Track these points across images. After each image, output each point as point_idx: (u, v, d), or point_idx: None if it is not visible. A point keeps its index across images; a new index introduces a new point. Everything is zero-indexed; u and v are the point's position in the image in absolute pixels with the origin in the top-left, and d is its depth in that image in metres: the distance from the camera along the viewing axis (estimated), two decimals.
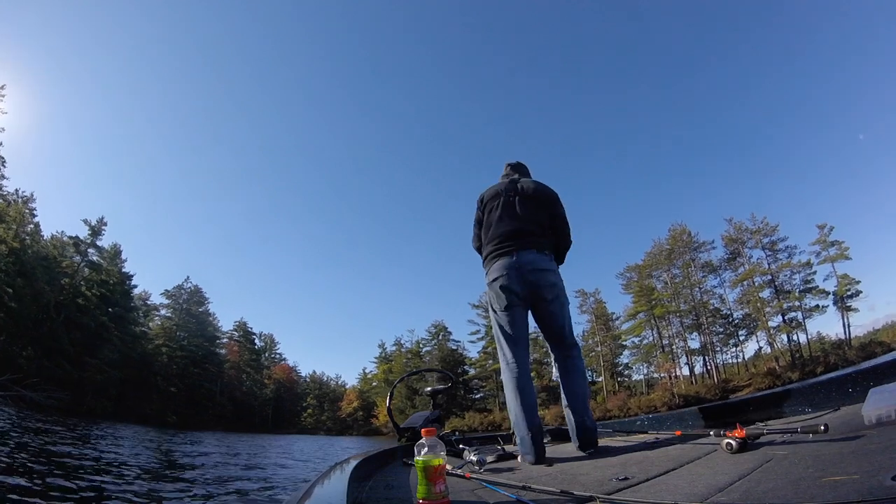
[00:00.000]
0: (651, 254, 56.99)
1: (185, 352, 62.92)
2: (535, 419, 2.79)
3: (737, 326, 53.57)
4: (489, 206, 3.37)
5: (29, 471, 7.02)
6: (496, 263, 3.13)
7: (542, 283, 3.04)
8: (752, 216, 51.81)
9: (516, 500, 1.62)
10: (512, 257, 3.07)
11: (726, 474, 1.65)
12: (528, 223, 3.18)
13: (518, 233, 3.14)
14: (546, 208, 3.30)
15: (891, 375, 2.40)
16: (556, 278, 3.13)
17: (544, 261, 3.10)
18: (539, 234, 3.17)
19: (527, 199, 3.29)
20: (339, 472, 2.13)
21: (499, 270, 3.09)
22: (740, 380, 47.67)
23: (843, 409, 2.56)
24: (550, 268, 3.13)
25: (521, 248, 3.08)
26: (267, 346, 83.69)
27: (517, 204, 3.26)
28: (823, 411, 2.64)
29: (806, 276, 48.81)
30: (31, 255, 42.33)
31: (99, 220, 51.45)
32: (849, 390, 2.66)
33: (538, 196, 3.33)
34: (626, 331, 58.44)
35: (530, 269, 3.02)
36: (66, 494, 5.98)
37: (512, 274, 3.03)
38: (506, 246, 3.13)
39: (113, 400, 45.51)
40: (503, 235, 3.17)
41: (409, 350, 73.45)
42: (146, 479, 8.36)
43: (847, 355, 42.81)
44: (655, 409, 45.30)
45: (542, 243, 3.15)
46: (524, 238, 3.12)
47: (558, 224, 3.33)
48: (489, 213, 3.35)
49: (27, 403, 27.49)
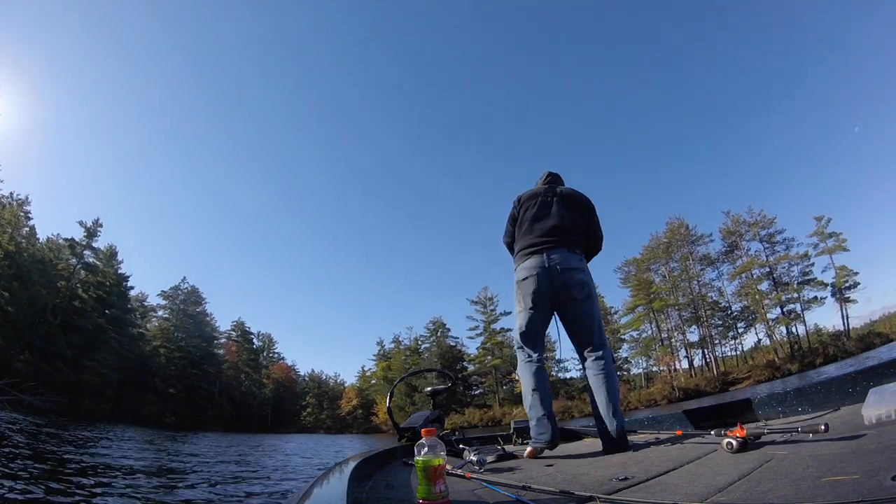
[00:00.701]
0: (649, 247, 57.32)
1: (182, 353, 62.65)
2: (549, 405, 2.97)
3: (735, 319, 53.83)
4: (526, 204, 3.42)
5: (18, 476, 6.89)
6: (526, 262, 3.18)
7: (571, 282, 3.06)
8: (749, 209, 52.13)
9: (516, 500, 1.61)
10: (542, 256, 3.11)
11: (726, 474, 1.65)
12: (563, 222, 3.23)
13: (552, 230, 3.19)
14: (583, 212, 3.36)
15: (891, 375, 2.41)
16: (586, 277, 3.14)
17: (574, 259, 3.13)
18: (573, 233, 3.22)
19: (564, 199, 3.35)
20: (339, 472, 2.12)
21: (528, 270, 3.13)
22: (739, 372, 47.84)
23: (843, 409, 2.56)
24: (580, 266, 3.14)
25: (553, 248, 3.12)
26: (265, 346, 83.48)
27: (554, 204, 3.32)
28: (823, 411, 2.65)
29: (804, 267, 49.18)
30: (27, 258, 42.17)
31: (94, 221, 51.23)
32: (849, 390, 2.66)
33: (576, 199, 3.39)
34: (625, 325, 58.77)
35: (560, 268, 3.05)
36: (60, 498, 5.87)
37: (541, 273, 3.08)
38: (538, 245, 3.17)
39: (111, 402, 45.26)
40: (537, 233, 3.23)
41: (408, 347, 73.47)
42: (143, 482, 8.23)
43: (846, 346, 43.02)
44: (655, 402, 45.45)
45: (574, 242, 3.19)
46: (557, 236, 3.16)
47: (592, 231, 3.38)
48: (525, 212, 3.39)
49: (24, 407, 27.30)
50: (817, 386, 2.88)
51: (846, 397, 2.65)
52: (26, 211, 45.33)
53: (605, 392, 2.88)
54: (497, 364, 62.16)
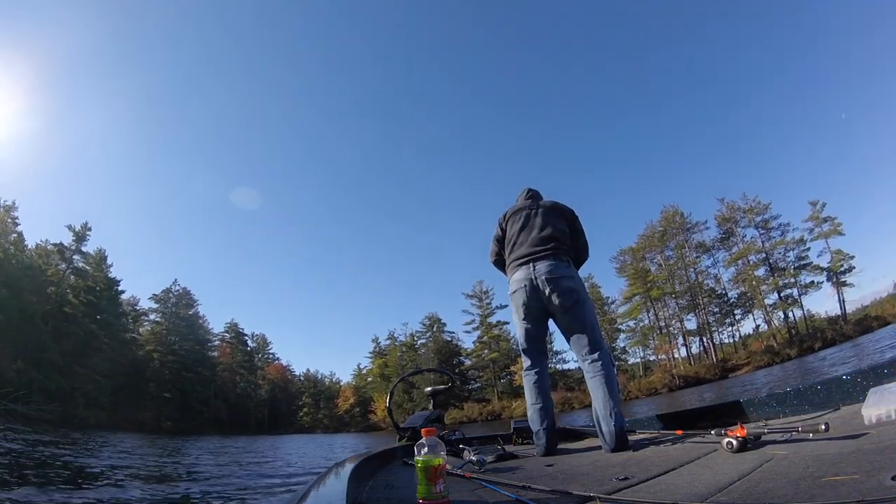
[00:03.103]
0: (644, 236, 57.38)
1: (176, 356, 62.17)
2: (547, 418, 3.08)
3: (732, 306, 53.97)
4: (511, 220, 3.51)
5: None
6: (515, 274, 3.27)
7: (559, 290, 3.10)
8: (743, 195, 52.28)
9: (516, 500, 1.61)
10: (529, 267, 3.18)
11: (726, 474, 1.65)
12: (549, 232, 3.29)
13: (538, 241, 3.26)
14: (567, 221, 3.44)
15: (891, 375, 2.43)
16: (574, 284, 3.18)
17: (562, 267, 3.17)
18: (559, 242, 3.27)
19: (548, 211, 3.43)
20: (339, 472, 2.11)
21: (517, 282, 3.23)
22: (738, 358, 47.98)
23: (843, 409, 2.58)
24: (568, 274, 3.18)
25: (539, 258, 3.19)
26: (259, 347, 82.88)
27: (538, 216, 3.40)
28: (823, 411, 2.66)
29: (800, 252, 49.46)
30: (16, 265, 41.57)
31: (83, 224, 50.63)
32: (849, 390, 2.68)
33: (559, 210, 3.48)
34: (622, 314, 58.99)
35: (547, 277, 3.10)
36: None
37: (528, 285, 3.15)
38: (525, 256, 3.24)
39: (106, 409, 44.83)
40: (524, 245, 3.31)
41: (404, 343, 73.29)
42: (141, 489, 8.13)
43: (844, 330, 43.09)
44: (656, 390, 45.56)
45: (561, 250, 3.24)
46: (543, 246, 3.23)
47: (578, 239, 3.47)
48: (511, 227, 3.48)
49: (16, 417, 26.71)
50: (817, 386, 2.88)
51: (846, 397, 2.66)
52: (13, 217, 44.69)
53: (604, 394, 2.90)
54: (495, 357, 62.20)
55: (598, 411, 2.87)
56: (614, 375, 3.06)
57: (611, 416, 2.80)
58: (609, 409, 2.82)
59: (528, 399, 3.22)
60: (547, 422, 3.06)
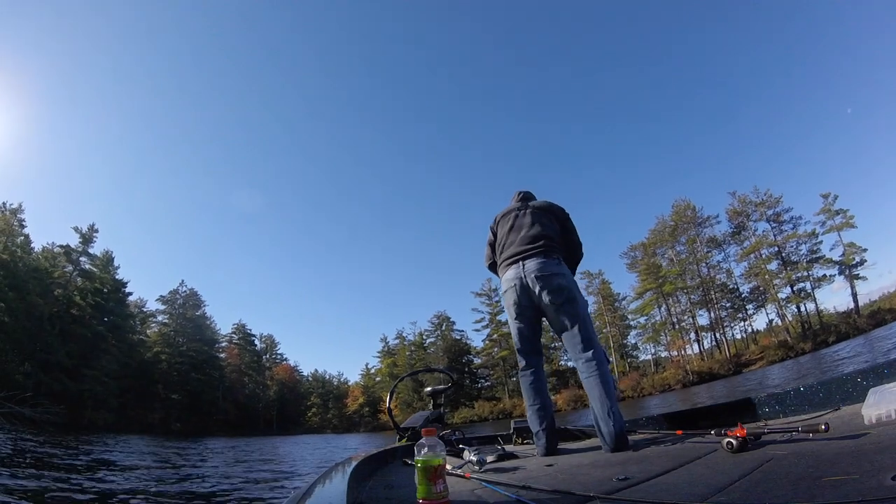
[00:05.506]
0: (655, 231, 56.92)
1: (184, 357, 62.07)
2: (546, 419, 3.05)
3: (744, 300, 53.42)
4: (502, 222, 3.52)
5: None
6: (506, 273, 3.26)
7: (549, 287, 3.06)
8: (755, 188, 51.66)
9: (516, 500, 1.61)
10: (519, 266, 3.17)
11: (726, 474, 1.65)
12: (539, 230, 3.27)
13: (528, 240, 3.24)
14: (558, 220, 3.42)
15: (891, 375, 2.41)
16: (564, 281, 3.12)
17: (552, 265, 3.13)
18: (549, 240, 3.24)
19: (538, 210, 3.42)
20: (339, 472, 2.07)
21: (508, 282, 3.23)
22: (752, 353, 47.40)
23: (843, 409, 2.55)
24: (558, 271, 3.13)
25: (529, 256, 3.16)
26: (267, 347, 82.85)
27: (528, 216, 3.39)
28: (823, 411, 2.62)
29: (812, 245, 48.84)
30: (23, 267, 41.52)
31: (90, 226, 50.44)
32: (849, 390, 2.65)
33: (549, 209, 3.46)
34: (634, 310, 58.72)
35: (536, 275, 3.07)
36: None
37: (518, 283, 3.14)
38: (515, 255, 3.23)
39: (114, 411, 44.79)
40: (513, 244, 3.29)
41: (413, 342, 73.05)
42: (147, 490, 8.14)
43: (858, 323, 42.48)
44: (669, 387, 44.98)
45: (551, 248, 3.20)
46: (533, 245, 3.20)
47: (570, 236, 3.45)
48: (501, 229, 3.49)
49: (22, 421, 26.33)
50: (817, 386, 2.85)
51: (846, 397, 2.63)
52: (20, 219, 44.77)
53: (600, 394, 2.87)
54: (505, 355, 61.71)
55: (596, 411, 2.85)
56: (609, 374, 3.01)
57: (609, 416, 2.77)
58: (607, 409, 2.79)
59: (527, 400, 3.21)
60: (546, 422, 3.05)
